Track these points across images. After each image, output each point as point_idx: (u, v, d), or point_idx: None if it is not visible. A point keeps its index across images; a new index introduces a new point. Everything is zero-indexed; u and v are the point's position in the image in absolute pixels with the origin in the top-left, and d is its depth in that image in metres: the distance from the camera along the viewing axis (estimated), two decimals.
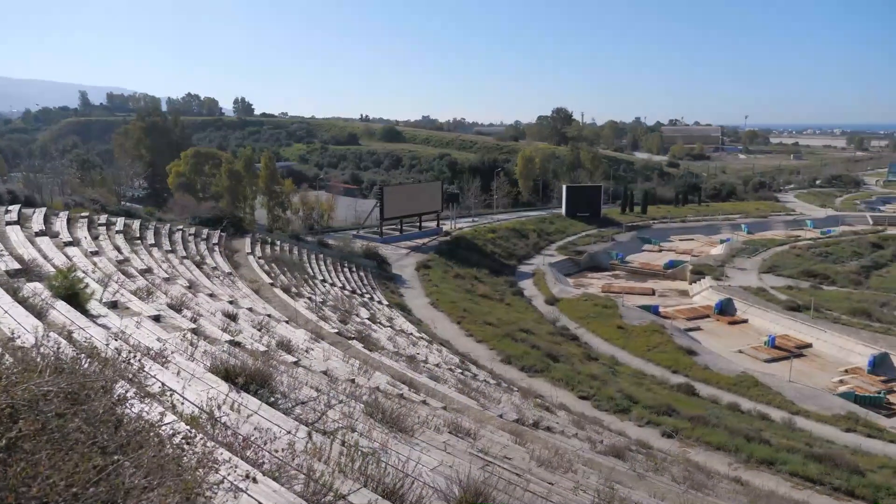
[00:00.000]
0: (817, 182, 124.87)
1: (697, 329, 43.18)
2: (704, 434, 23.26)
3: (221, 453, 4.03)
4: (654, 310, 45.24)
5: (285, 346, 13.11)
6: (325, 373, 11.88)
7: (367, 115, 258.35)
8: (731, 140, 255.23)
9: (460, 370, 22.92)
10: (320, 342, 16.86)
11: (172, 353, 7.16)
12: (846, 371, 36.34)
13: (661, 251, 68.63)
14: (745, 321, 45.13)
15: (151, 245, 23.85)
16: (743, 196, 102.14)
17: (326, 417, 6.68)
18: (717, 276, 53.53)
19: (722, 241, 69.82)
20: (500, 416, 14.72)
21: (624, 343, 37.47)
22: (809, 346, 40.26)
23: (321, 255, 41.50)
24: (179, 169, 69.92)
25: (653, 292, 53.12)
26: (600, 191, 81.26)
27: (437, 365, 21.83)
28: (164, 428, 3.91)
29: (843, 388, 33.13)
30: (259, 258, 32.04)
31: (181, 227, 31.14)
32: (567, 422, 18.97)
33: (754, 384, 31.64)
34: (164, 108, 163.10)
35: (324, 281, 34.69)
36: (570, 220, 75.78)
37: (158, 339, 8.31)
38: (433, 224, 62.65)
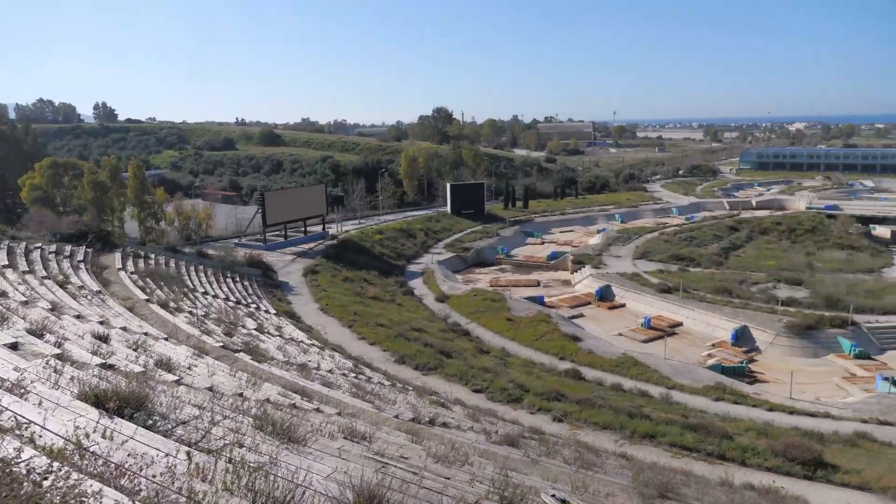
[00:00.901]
0: (680, 172, 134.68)
1: (580, 316, 45.28)
2: (592, 415, 24.42)
3: (91, 485, 3.72)
4: (539, 300, 46.95)
5: (165, 364, 12.36)
6: (209, 389, 11.33)
7: (243, 119, 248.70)
8: (602, 135, 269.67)
9: (354, 374, 22.67)
10: (204, 357, 16.08)
11: (32, 382, 6.55)
12: (713, 345, 39.47)
13: (543, 243, 71.35)
14: (624, 305, 47.88)
15: (5, 266, 21.73)
16: (615, 188, 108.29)
17: (211, 435, 6.36)
18: (595, 264, 56.38)
19: (599, 231, 73.71)
20: (396, 416, 14.69)
21: (513, 334, 38.61)
22: (680, 324, 43.36)
23: (201, 267, 39.58)
24: (34, 181, 64.11)
25: (538, 283, 55.11)
26: (483, 188, 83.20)
27: (329, 371, 21.46)
28: (20, 465, 3.55)
29: (711, 361, 35.96)
30: (132, 273, 30.04)
31: (39, 244, 28.58)
32: (463, 416, 19.26)
33: (634, 364, 33.64)
34: (11, 115, 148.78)
35: (205, 293, 33.11)
36: (455, 217, 77.05)
37: (15, 369, 7.57)
38: (319, 228, 61.55)
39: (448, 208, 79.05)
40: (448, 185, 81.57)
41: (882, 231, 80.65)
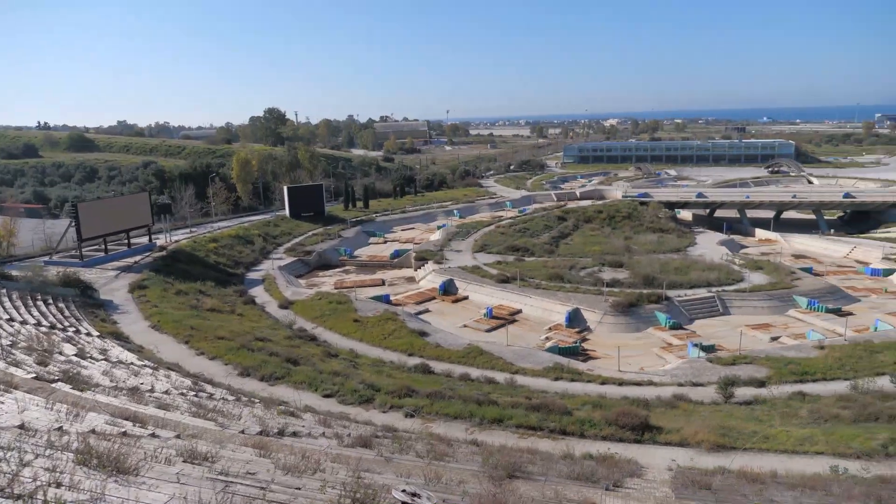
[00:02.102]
0: (511, 167, 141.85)
1: (426, 311, 46.14)
2: (442, 407, 24.98)
3: None
4: (385, 299, 47.16)
5: None
6: (20, 427, 10.06)
7: (46, 123, 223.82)
8: (437, 133, 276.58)
9: (194, 393, 21.30)
10: (12, 392, 14.28)
11: None
12: (550, 328, 42.04)
13: (386, 242, 71.73)
14: (467, 297, 49.51)
15: None
16: (452, 184, 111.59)
17: (21, 479, 5.63)
18: (438, 259, 57.70)
19: (439, 228, 75.51)
20: (242, 431, 14.03)
21: (361, 335, 38.41)
22: (520, 311, 45.69)
23: (4, 290, 35.06)
24: None
25: (383, 282, 55.31)
26: (322, 189, 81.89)
27: (165, 392, 19.99)
28: None
29: (549, 344, 38.24)
30: None
31: None
32: (314, 423, 18.83)
33: (480, 353, 34.88)
34: None
35: (11, 320, 29.38)
36: (295, 221, 75.10)
37: None
38: (145, 240, 57.00)
39: (287, 211, 76.84)
40: (285, 188, 79.29)
41: (685, 214, 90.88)
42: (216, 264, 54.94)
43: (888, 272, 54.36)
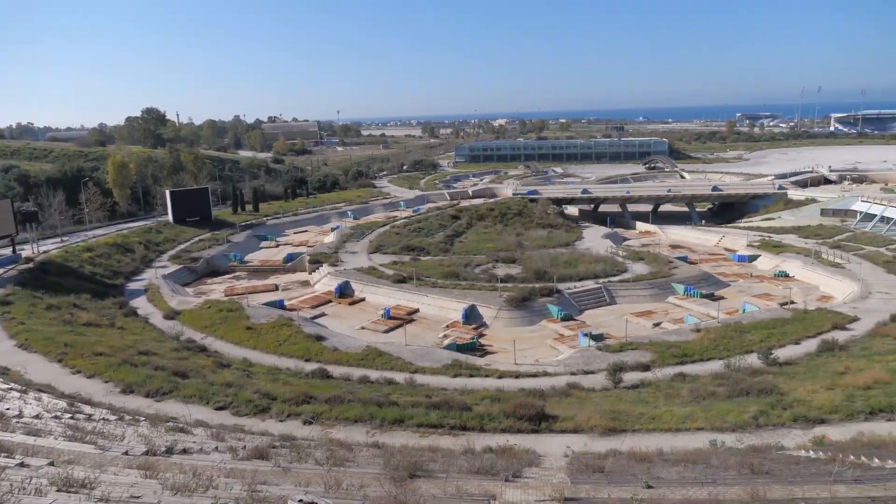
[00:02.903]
0: (404, 167, 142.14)
1: (323, 315, 45.29)
2: (342, 411, 24.58)
3: None
4: (279, 304, 45.84)
5: None
6: None
7: None
8: (328, 134, 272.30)
9: (70, 415, 19.70)
10: None
11: None
12: (447, 326, 42.47)
13: (278, 246, 69.74)
14: (363, 299, 49.06)
15: None
16: (345, 185, 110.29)
17: None
18: (333, 262, 56.80)
19: (333, 229, 74.36)
20: (126, 453, 13.14)
21: (255, 343, 37.11)
22: (417, 311, 45.84)
23: None
24: None
25: (276, 287, 53.74)
26: (208, 193, 78.44)
27: (36, 416, 18.38)
28: None
29: (447, 342, 38.62)
30: None
31: None
32: (206, 438, 17.95)
33: (378, 355, 34.66)
34: None
35: None
36: (179, 226, 71.42)
37: None
38: (8, 251, 52.18)
39: (170, 217, 72.92)
40: (168, 192, 75.22)
41: (572, 210, 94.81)
42: (92, 275, 51.18)
43: (753, 258, 59.30)
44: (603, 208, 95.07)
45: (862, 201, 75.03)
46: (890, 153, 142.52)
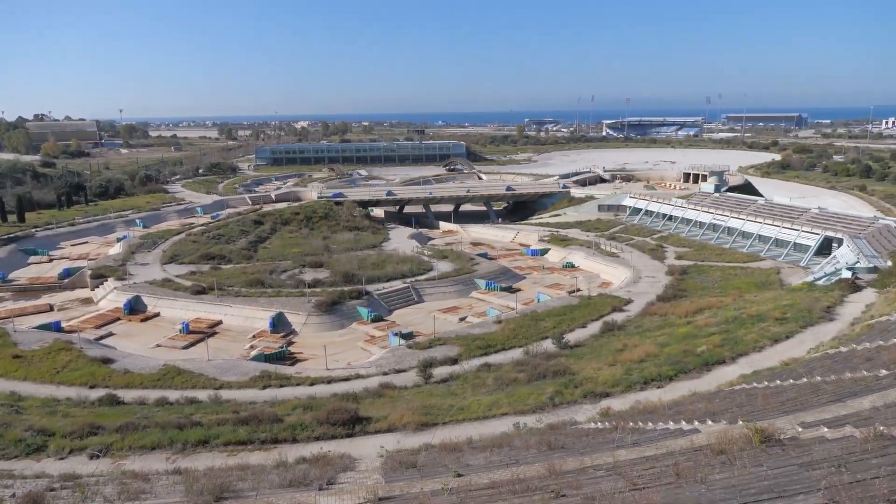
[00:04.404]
0: (200, 171, 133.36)
1: (110, 335, 40.95)
2: (137, 439, 22.38)
3: None
4: (55, 326, 40.62)
5: None
6: None
7: None
8: (109, 135, 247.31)
9: None
10: None
11: None
12: (254, 336, 40.62)
13: (51, 261, 61.68)
14: (158, 314, 45.17)
15: None
16: (132, 191, 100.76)
17: None
18: (120, 276, 51.56)
19: (119, 240, 67.56)
20: None
21: (25, 373, 32.40)
22: (220, 322, 43.28)
23: None
24: None
25: (51, 308, 47.49)
26: None
27: None
28: None
29: (254, 353, 36.96)
30: None
31: None
32: None
33: (178, 373, 32.12)
34: None
35: None
36: None
37: None
38: None
39: None
40: None
41: (378, 212, 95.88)
42: None
43: (544, 252, 64.51)
44: (408, 209, 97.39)
45: (630, 197, 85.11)
46: (651, 154, 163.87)
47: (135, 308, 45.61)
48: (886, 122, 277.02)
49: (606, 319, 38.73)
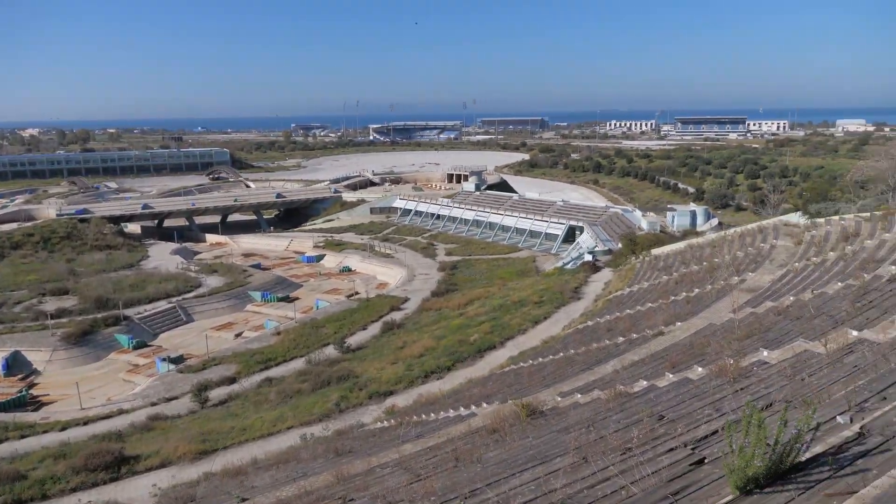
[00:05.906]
0: None
1: None
2: None
3: None
4: None
5: None
6: None
7: None
8: None
9: None
10: None
11: None
12: None
13: None
14: None
15: None
16: None
17: None
18: None
19: None
20: None
21: None
22: None
23: None
24: None
25: None
26: None
27: None
28: None
29: None
30: None
31: None
32: None
33: None
34: None
35: None
36: None
37: None
38: None
39: None
40: None
41: (133, 227, 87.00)
42: None
43: (320, 258, 63.94)
44: (168, 223, 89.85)
45: (400, 199, 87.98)
46: (416, 157, 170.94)
47: None
48: (610, 124, 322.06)
49: (386, 319, 39.57)
